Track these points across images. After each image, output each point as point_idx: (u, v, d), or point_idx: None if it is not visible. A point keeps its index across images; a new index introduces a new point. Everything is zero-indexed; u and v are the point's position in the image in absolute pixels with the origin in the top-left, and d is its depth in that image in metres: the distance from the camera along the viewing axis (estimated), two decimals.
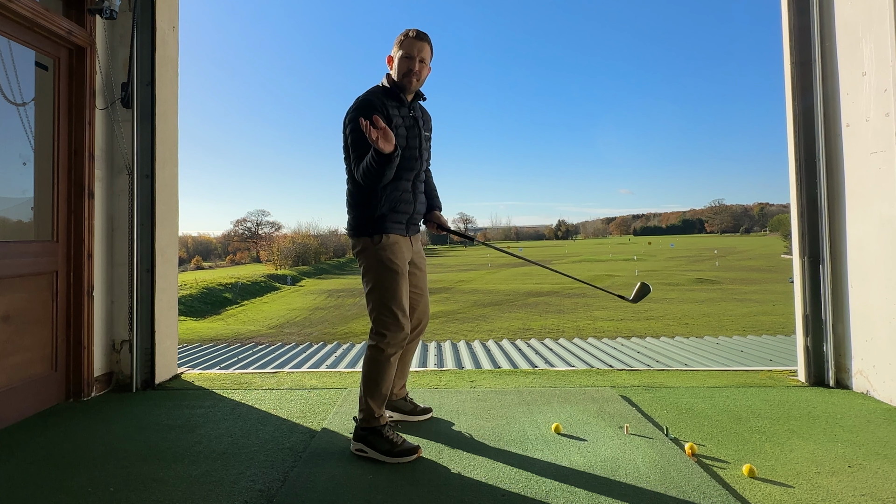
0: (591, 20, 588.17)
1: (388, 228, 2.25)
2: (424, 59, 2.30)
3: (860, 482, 1.98)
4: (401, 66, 2.28)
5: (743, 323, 19.84)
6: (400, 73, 2.28)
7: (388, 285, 2.22)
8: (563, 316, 22.94)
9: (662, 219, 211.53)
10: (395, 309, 2.21)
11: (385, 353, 2.22)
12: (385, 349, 2.21)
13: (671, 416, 2.72)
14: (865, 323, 3.04)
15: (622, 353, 6.07)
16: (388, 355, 2.22)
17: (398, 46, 2.30)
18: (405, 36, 2.29)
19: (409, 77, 2.27)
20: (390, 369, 2.25)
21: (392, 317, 2.21)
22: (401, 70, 2.28)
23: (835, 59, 3.21)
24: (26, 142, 2.86)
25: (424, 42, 2.29)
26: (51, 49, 2.95)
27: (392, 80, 2.32)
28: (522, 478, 2.02)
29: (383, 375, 2.23)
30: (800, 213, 3.36)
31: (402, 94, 2.31)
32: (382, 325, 2.21)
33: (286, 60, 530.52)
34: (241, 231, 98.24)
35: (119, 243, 3.31)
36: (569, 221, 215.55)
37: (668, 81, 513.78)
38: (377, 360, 2.23)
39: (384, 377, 2.24)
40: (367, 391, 2.23)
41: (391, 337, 2.21)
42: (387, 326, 2.21)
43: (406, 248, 2.33)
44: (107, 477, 2.05)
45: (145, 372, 3.31)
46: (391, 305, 2.21)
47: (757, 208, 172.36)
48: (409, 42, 2.27)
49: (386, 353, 2.22)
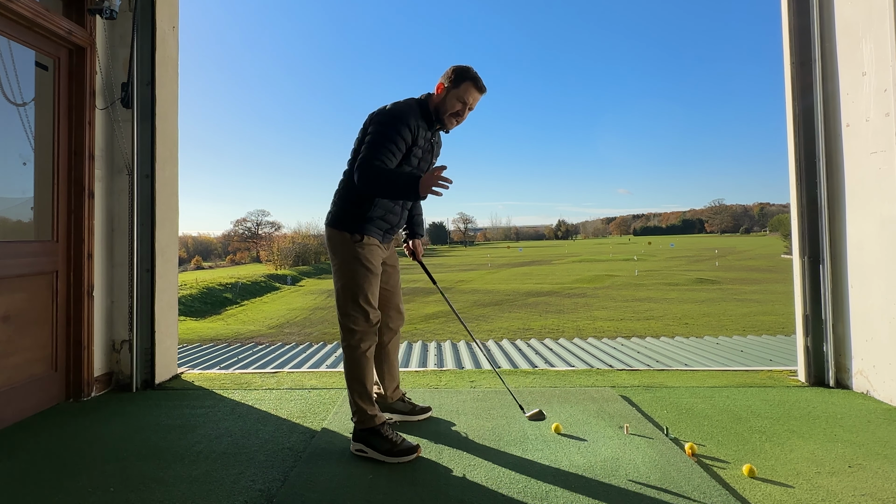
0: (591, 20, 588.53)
1: (369, 231, 2.27)
2: (473, 107, 2.33)
3: (860, 482, 1.98)
4: (450, 104, 2.28)
5: (743, 323, 19.82)
6: (446, 111, 2.28)
7: (361, 282, 2.23)
8: (563, 316, 22.93)
9: (662, 219, 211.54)
10: (363, 304, 2.24)
11: (360, 349, 2.25)
12: (359, 345, 2.24)
13: (671, 416, 2.72)
14: (865, 323, 3.04)
15: (622, 353, 6.07)
16: (363, 350, 2.25)
17: (455, 84, 2.26)
18: (469, 79, 2.26)
19: (452, 118, 2.30)
20: (369, 364, 2.29)
21: (361, 312, 2.23)
22: (449, 108, 2.28)
23: (835, 59, 3.21)
24: (26, 142, 2.86)
25: (482, 94, 2.32)
26: (51, 49, 2.95)
27: (434, 106, 2.31)
28: (522, 478, 2.02)
29: (364, 371, 2.26)
30: (800, 213, 3.36)
31: (434, 119, 2.32)
32: (351, 320, 2.23)
33: (286, 60, 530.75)
34: (241, 231, 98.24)
35: (119, 243, 3.31)
36: (569, 221, 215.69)
37: (668, 81, 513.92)
38: (354, 357, 2.25)
39: (365, 373, 2.26)
40: (353, 391, 2.25)
41: (361, 332, 2.24)
42: (355, 321, 2.23)
43: (380, 253, 2.35)
44: (107, 477, 2.05)
45: (145, 372, 3.31)
46: (360, 301, 2.23)
47: (757, 208, 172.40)
48: (471, 91, 2.27)
49: (361, 349, 2.25)
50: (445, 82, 2.29)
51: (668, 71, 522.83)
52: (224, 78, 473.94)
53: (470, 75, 2.27)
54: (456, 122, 2.33)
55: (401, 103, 2.26)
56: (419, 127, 2.25)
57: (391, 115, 2.19)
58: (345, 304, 2.24)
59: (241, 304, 33.29)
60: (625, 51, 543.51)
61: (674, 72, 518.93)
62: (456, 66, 2.30)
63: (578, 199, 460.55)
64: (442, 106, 2.29)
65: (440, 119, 2.31)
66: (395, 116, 2.18)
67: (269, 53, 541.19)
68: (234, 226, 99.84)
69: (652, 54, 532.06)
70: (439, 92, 2.30)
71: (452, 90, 2.27)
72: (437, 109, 2.30)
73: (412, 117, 2.21)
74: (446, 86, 2.28)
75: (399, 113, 2.19)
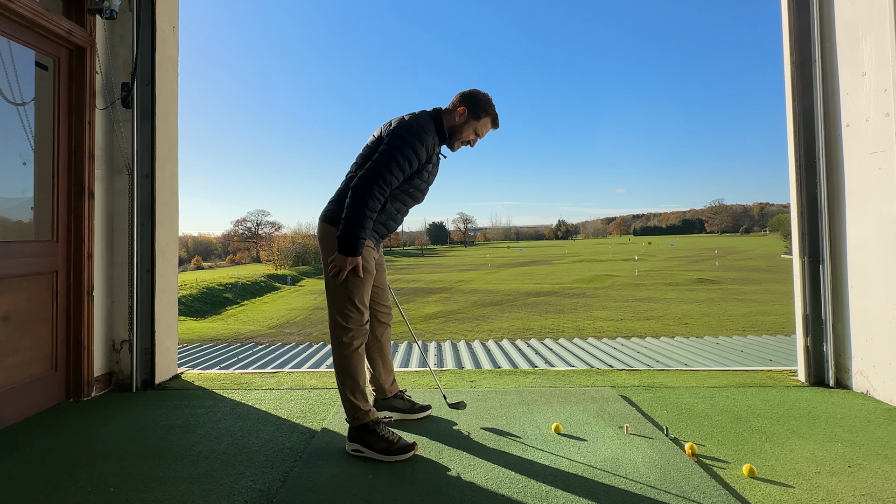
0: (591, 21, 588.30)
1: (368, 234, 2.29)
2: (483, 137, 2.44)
3: (860, 482, 1.98)
4: (466, 133, 2.36)
5: (743, 323, 19.82)
6: (460, 137, 2.37)
7: (358, 282, 2.24)
8: (563, 316, 22.92)
9: (662, 219, 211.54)
10: (358, 303, 2.26)
11: (353, 346, 2.26)
12: (352, 342, 2.26)
13: (671, 416, 2.72)
14: (865, 323, 3.04)
15: (622, 353, 6.07)
16: (355, 347, 2.27)
17: (476, 116, 2.34)
18: (490, 116, 2.38)
19: (461, 144, 2.40)
20: (361, 360, 2.31)
21: (356, 310, 2.26)
22: (464, 136, 2.37)
23: (835, 59, 3.21)
24: (26, 142, 2.86)
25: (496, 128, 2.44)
26: (51, 49, 2.95)
27: (449, 126, 2.36)
28: (522, 478, 2.02)
29: (357, 368, 2.27)
30: (800, 213, 3.36)
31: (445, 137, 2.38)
32: (345, 318, 2.24)
33: (286, 60, 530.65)
34: (241, 231, 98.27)
35: (119, 243, 3.31)
36: (569, 221, 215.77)
37: (668, 81, 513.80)
38: (346, 354, 2.26)
39: (358, 369, 2.28)
40: (346, 388, 2.25)
41: (355, 330, 2.26)
42: (349, 319, 2.25)
43: (373, 254, 2.37)
44: (107, 477, 2.05)
45: (145, 372, 3.31)
46: (355, 300, 2.25)
47: (757, 208, 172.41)
48: (489, 126, 2.40)
49: (354, 346, 2.26)
50: (467, 109, 2.34)
51: (668, 71, 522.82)
52: (224, 78, 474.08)
53: (491, 112, 2.37)
54: (461, 146, 2.42)
55: (422, 119, 2.28)
56: (434, 144, 2.31)
57: (412, 131, 2.22)
58: (342, 302, 2.24)
59: (241, 304, 33.29)
60: (625, 51, 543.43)
61: (674, 72, 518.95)
62: (479, 94, 2.37)
63: (578, 199, 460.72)
64: (457, 132, 2.36)
65: (451, 141, 2.38)
66: (414, 134, 2.21)
67: (269, 53, 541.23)
68: (234, 226, 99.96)
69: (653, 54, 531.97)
70: (458, 117, 2.35)
71: (472, 121, 2.35)
72: (451, 131, 2.36)
73: (430, 136, 2.26)
74: (467, 114, 2.34)
75: (420, 130, 2.22)
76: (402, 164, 2.18)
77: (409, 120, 2.26)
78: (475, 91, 2.37)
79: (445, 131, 2.35)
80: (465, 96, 2.35)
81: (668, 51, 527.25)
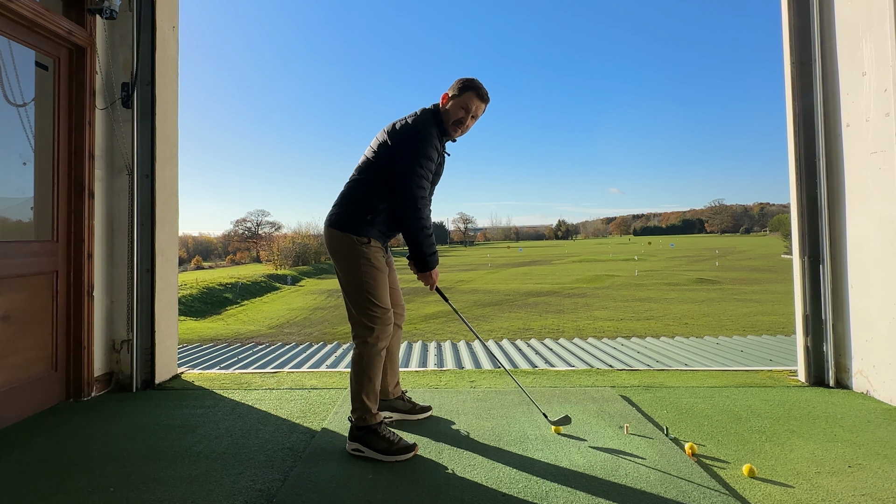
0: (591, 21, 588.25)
1: (374, 235, 2.30)
2: (477, 116, 2.39)
3: (860, 482, 1.98)
4: (454, 113, 2.35)
5: (743, 323, 19.81)
6: (450, 119, 2.35)
7: (374, 282, 2.26)
8: (563, 316, 22.92)
9: (662, 219, 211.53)
10: (380, 303, 2.26)
11: (377, 347, 2.26)
12: (376, 343, 2.25)
13: (671, 416, 2.72)
14: (865, 323, 3.04)
15: (622, 353, 6.07)
16: (379, 349, 2.27)
17: (459, 93, 2.34)
18: (471, 88, 2.34)
19: (456, 127, 2.37)
20: (381, 362, 2.31)
21: (380, 310, 2.26)
22: (452, 116, 2.35)
23: (835, 59, 3.21)
24: (26, 142, 2.86)
25: (485, 103, 2.39)
26: (51, 49, 2.95)
27: (442, 116, 2.37)
28: (522, 478, 2.02)
29: (376, 370, 2.27)
30: (800, 213, 3.36)
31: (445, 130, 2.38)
32: (370, 319, 2.24)
33: (287, 60, 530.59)
34: (242, 231, 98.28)
35: (119, 243, 3.31)
36: (569, 221, 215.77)
37: (668, 81, 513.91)
38: (369, 355, 2.25)
39: (377, 371, 2.28)
40: (361, 388, 2.25)
41: (379, 330, 2.25)
42: (374, 320, 2.25)
43: (382, 254, 2.38)
44: (107, 477, 2.05)
45: (145, 372, 3.31)
46: (376, 300, 2.25)
47: (757, 208, 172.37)
48: (473, 99, 2.34)
49: (378, 347, 2.26)
50: (450, 93, 2.37)
51: (668, 71, 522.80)
52: (224, 78, 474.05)
53: (472, 85, 2.35)
54: (460, 130, 2.39)
55: (426, 119, 2.30)
56: (440, 143, 2.34)
57: (420, 137, 2.23)
58: (364, 304, 2.25)
59: (241, 304, 33.28)
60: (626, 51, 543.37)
61: (674, 72, 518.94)
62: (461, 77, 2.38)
63: (578, 199, 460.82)
64: (446, 115, 2.36)
65: (446, 129, 2.37)
66: (423, 139, 2.23)
67: (269, 53, 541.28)
68: (235, 226, 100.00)
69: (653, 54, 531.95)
70: (444, 102, 2.37)
71: (456, 100, 2.35)
72: (444, 118, 2.37)
73: (435, 136, 2.28)
74: (450, 96, 2.36)
75: (427, 134, 2.25)
76: (425, 173, 2.24)
77: (415, 124, 2.27)
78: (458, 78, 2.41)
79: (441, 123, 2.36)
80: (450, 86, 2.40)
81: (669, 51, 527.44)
